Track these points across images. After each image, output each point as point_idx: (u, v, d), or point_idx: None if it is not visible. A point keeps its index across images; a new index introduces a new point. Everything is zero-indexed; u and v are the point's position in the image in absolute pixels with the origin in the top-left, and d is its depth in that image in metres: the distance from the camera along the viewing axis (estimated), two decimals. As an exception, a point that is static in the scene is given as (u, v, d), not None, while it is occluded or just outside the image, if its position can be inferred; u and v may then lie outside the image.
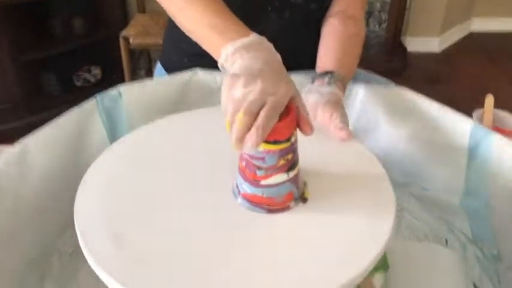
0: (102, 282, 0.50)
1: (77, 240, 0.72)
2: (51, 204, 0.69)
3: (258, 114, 0.50)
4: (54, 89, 2.51)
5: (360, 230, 0.53)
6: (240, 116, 0.50)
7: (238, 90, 0.52)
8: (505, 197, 0.65)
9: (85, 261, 0.66)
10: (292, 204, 0.56)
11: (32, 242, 0.66)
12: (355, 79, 0.80)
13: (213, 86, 0.80)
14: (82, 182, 0.59)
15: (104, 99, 0.74)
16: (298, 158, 0.56)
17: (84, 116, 0.73)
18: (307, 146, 0.56)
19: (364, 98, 0.77)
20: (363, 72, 0.81)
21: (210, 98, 0.80)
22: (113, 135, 0.76)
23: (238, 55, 0.57)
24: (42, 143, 0.67)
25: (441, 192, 0.75)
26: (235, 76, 0.54)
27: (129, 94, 0.76)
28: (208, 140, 0.66)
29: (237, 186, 0.57)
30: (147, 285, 0.47)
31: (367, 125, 0.79)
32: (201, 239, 0.53)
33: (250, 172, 0.55)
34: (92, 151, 0.73)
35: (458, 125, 0.70)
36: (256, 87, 0.52)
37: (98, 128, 0.74)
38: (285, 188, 0.55)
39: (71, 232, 0.73)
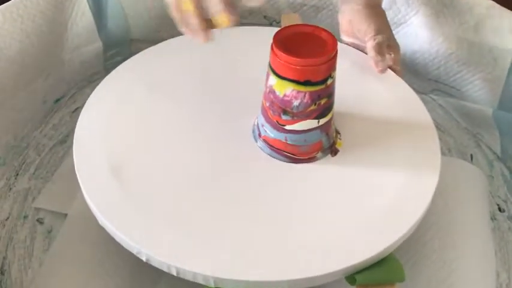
0: None
1: (60, 133, 0.66)
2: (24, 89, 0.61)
3: None
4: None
5: (395, 189, 0.46)
6: None
7: None
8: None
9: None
10: (319, 155, 0.48)
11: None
12: None
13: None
14: (85, 107, 0.51)
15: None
16: (333, 103, 0.47)
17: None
18: (338, 79, 0.47)
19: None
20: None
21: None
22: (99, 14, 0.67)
23: None
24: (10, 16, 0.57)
25: (473, 102, 0.67)
26: None
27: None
28: (229, 67, 0.57)
29: (257, 127, 0.49)
30: (144, 233, 0.41)
31: (395, 18, 0.69)
32: (208, 185, 0.46)
33: (274, 114, 0.46)
34: (76, 30, 0.65)
35: (506, 23, 0.60)
36: None
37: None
38: (313, 136, 0.47)
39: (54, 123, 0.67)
